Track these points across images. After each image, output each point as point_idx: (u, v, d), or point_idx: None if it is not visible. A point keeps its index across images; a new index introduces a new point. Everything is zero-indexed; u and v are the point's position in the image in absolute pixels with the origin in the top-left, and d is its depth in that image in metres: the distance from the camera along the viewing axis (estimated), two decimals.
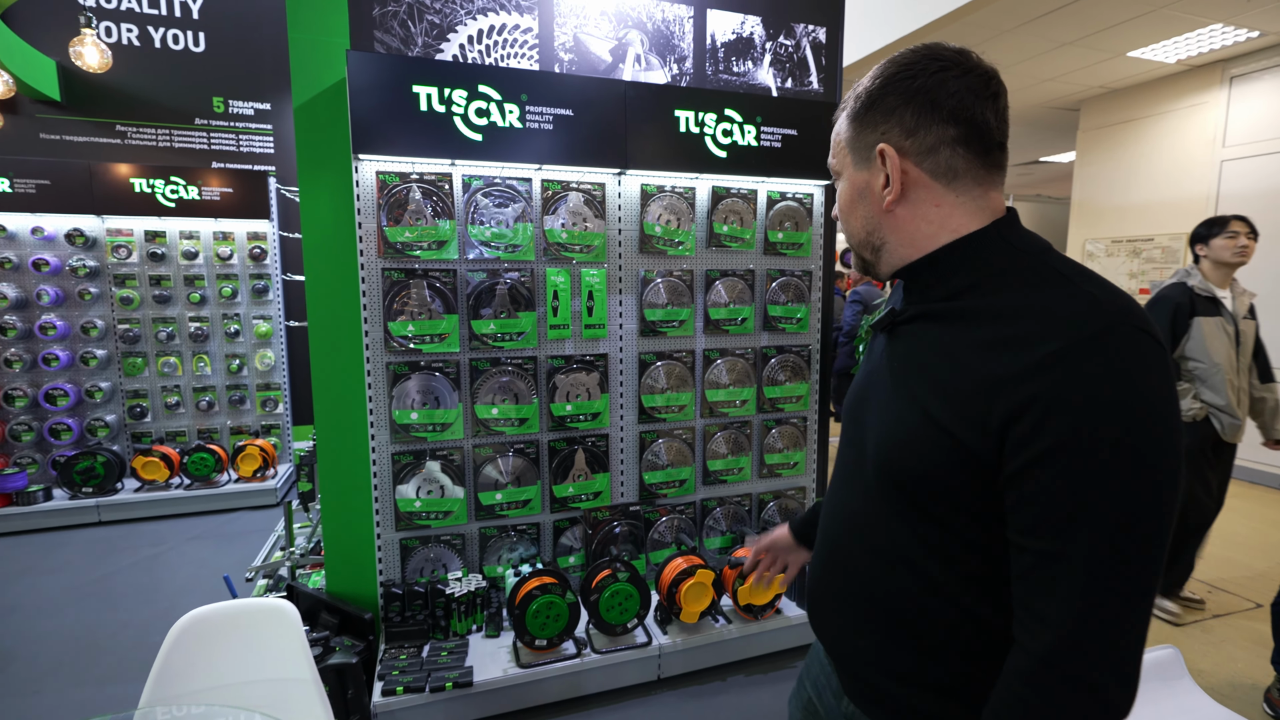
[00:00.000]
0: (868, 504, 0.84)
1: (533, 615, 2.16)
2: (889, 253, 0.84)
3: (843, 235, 0.93)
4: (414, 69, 2.14)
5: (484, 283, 2.34)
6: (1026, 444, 0.64)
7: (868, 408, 0.87)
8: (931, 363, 0.76)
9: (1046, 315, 0.67)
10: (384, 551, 2.36)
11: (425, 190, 2.25)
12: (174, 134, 4.44)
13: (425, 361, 2.31)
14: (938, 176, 0.77)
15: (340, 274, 2.26)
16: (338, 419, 2.31)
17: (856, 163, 0.83)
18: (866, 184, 0.83)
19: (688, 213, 2.59)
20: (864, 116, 0.81)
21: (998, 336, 0.69)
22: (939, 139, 0.76)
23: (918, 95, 0.76)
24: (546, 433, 2.50)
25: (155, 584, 3.13)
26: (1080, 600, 0.61)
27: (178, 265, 4.32)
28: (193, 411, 4.44)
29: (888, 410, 0.81)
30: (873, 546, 0.84)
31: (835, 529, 0.93)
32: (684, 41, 2.67)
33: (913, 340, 0.81)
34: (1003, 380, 0.66)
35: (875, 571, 0.83)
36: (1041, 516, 0.64)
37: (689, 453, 2.71)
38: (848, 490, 0.90)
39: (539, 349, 2.45)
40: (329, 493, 2.33)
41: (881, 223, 0.83)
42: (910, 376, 0.79)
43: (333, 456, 2.32)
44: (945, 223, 0.78)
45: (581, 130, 2.33)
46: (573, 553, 2.60)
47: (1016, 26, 4.31)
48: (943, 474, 0.72)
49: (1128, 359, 0.62)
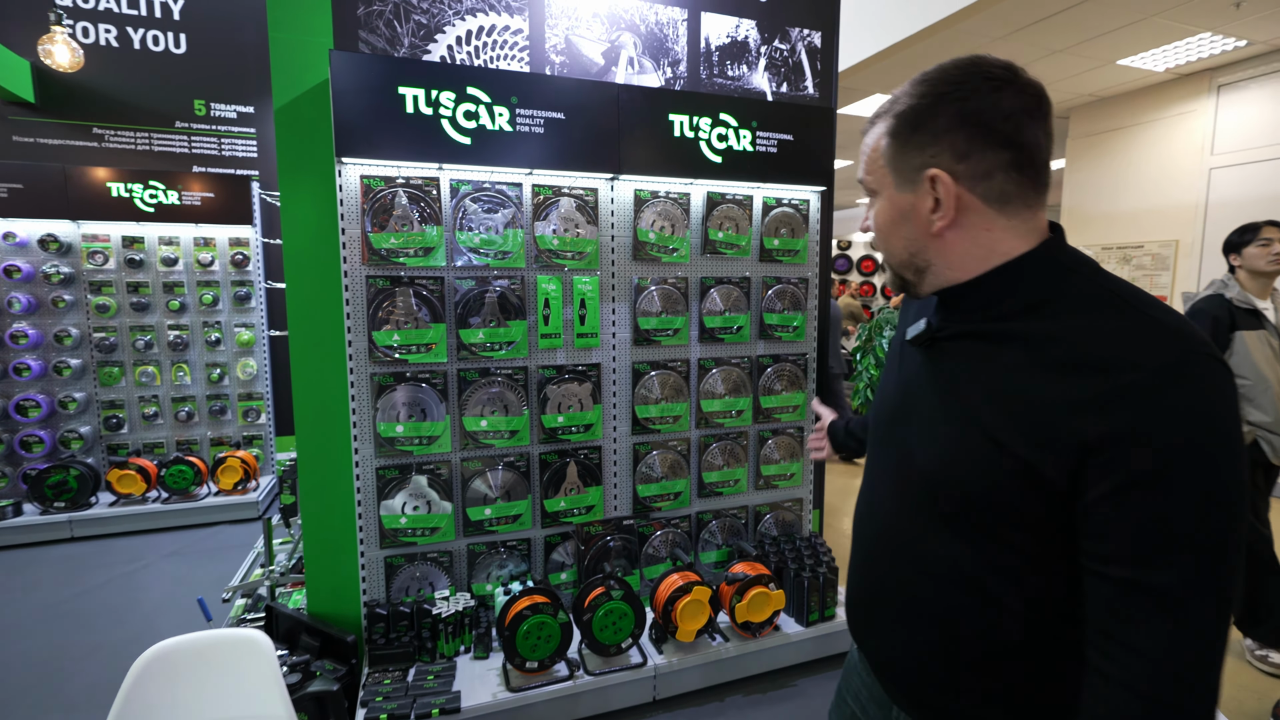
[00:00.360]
0: (914, 518, 0.84)
1: (523, 636, 2.07)
2: (934, 275, 0.82)
3: (877, 252, 0.90)
4: (400, 70, 2.07)
5: (473, 291, 2.26)
6: (1109, 473, 0.64)
7: (906, 422, 0.86)
8: (990, 383, 0.75)
9: (1120, 342, 0.67)
10: (368, 570, 2.26)
11: (412, 195, 2.18)
12: (153, 137, 4.33)
13: (411, 372, 2.23)
14: (990, 201, 0.75)
15: (322, 282, 2.18)
16: (320, 433, 2.22)
17: (899, 184, 0.80)
18: (911, 206, 0.79)
19: (682, 219, 2.53)
20: (909, 137, 0.77)
21: (1066, 361, 0.69)
22: (993, 164, 0.74)
23: (970, 118, 0.73)
24: (537, 445, 2.42)
25: (129, 603, 3.01)
26: (1174, 632, 0.62)
27: (157, 272, 4.19)
28: (171, 422, 4.31)
29: (936, 427, 0.81)
30: (921, 561, 0.83)
31: (876, 542, 0.92)
32: (678, 45, 2.62)
33: (961, 358, 0.80)
34: (1079, 406, 0.66)
35: (924, 586, 0.83)
36: (1126, 547, 0.64)
37: (684, 465, 2.64)
38: (889, 503, 0.89)
39: (530, 359, 2.38)
40: (310, 509, 2.24)
41: (927, 245, 0.80)
42: (963, 395, 0.78)
43: (314, 472, 2.23)
44: (996, 246, 0.77)
45: (573, 134, 2.27)
46: (564, 569, 2.51)
47: (1008, 34, 4.31)
48: (1003, 492, 0.72)
49: (1208, 390, 0.63)
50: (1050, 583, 0.73)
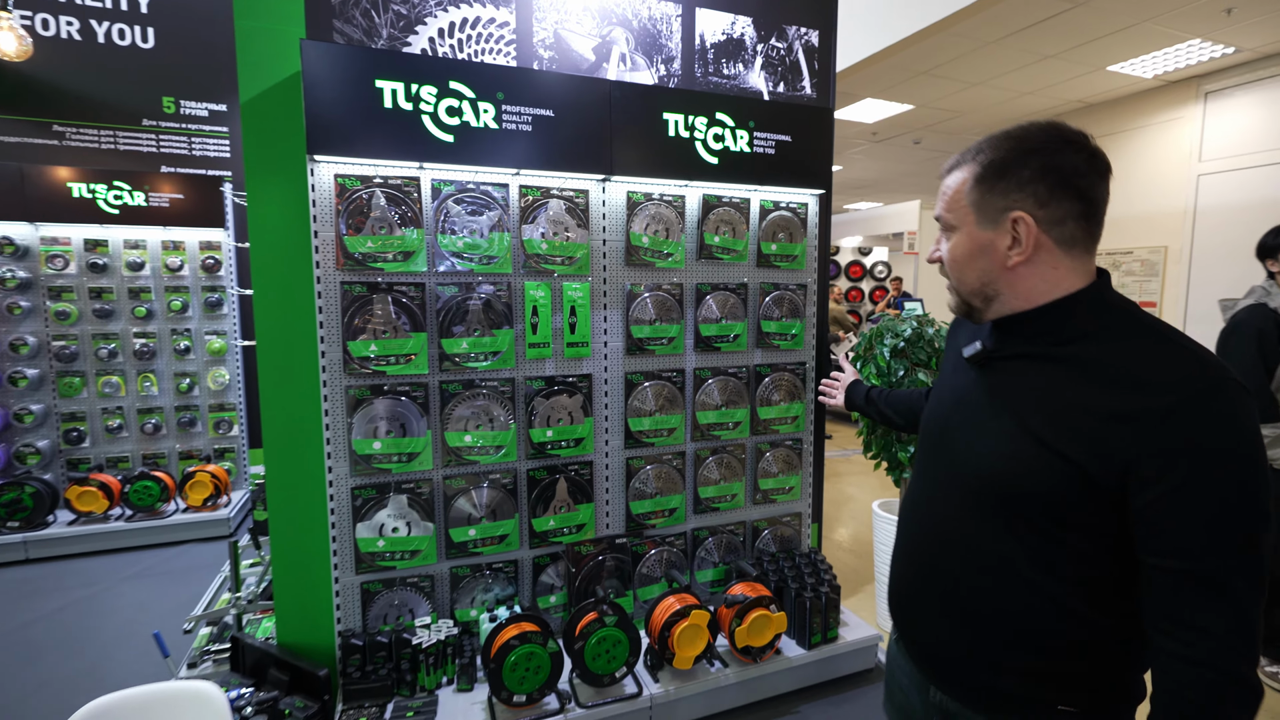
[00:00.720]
0: (966, 517, 0.96)
1: (510, 669, 1.93)
2: (1001, 303, 0.95)
3: (940, 275, 1.03)
4: (377, 62, 1.93)
5: (456, 297, 2.13)
6: (1158, 478, 0.77)
7: (962, 429, 0.99)
8: (1046, 398, 0.88)
9: (1162, 367, 0.80)
10: (342, 598, 2.11)
11: (390, 196, 2.04)
12: (119, 135, 4.12)
13: (390, 385, 2.08)
14: (1060, 244, 0.89)
15: (293, 288, 2.03)
16: (290, 450, 2.06)
17: (980, 222, 0.92)
18: (991, 242, 0.92)
19: (677, 223, 2.41)
20: (994, 183, 0.90)
21: (1115, 380, 0.82)
22: (1066, 213, 0.87)
23: (1052, 172, 0.86)
24: (525, 461, 2.28)
25: (84, 632, 2.81)
26: (1230, 613, 0.75)
27: (121, 277, 3.99)
28: (137, 435, 4.09)
29: (993, 436, 0.93)
30: (974, 555, 0.95)
31: (927, 537, 1.03)
32: (672, 41, 2.51)
33: (1017, 376, 0.93)
34: (1128, 418, 0.79)
35: (976, 577, 0.94)
36: (1179, 541, 0.77)
37: (679, 479, 2.52)
38: (942, 502, 1.01)
39: (517, 370, 2.24)
40: (279, 533, 2.08)
41: (999, 277, 0.93)
42: (1021, 408, 0.90)
43: (284, 492, 2.07)
44: (1059, 283, 0.90)
45: (563, 132, 2.15)
46: (554, 591, 2.37)
47: (1001, 38, 4.27)
48: (1055, 493, 0.85)
49: (1237, 407, 0.77)
50: (1094, 574, 0.86)
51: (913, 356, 2.67)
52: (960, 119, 6.30)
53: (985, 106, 5.86)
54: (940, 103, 5.81)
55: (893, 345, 2.65)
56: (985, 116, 6.20)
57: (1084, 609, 0.86)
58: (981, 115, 6.17)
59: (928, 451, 1.07)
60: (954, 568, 0.97)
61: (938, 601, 1.00)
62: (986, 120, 6.32)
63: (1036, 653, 0.90)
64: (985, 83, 5.21)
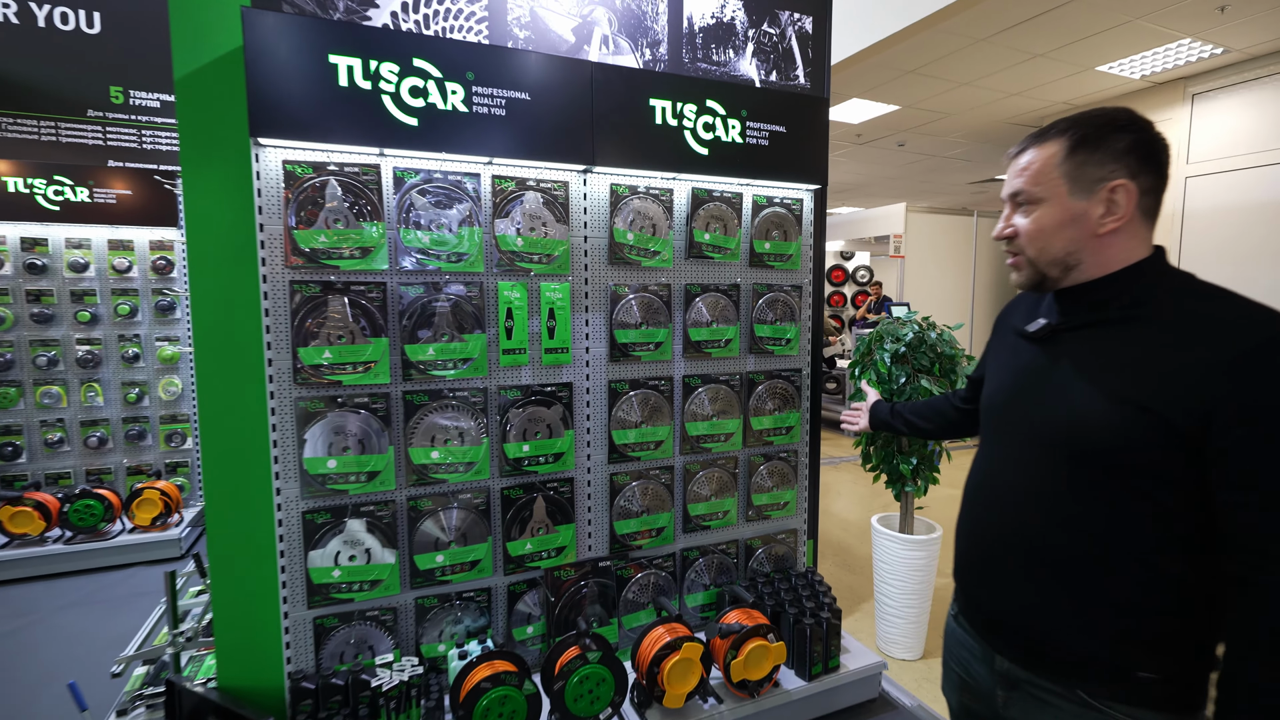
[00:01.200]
0: (1049, 481, 1.00)
1: (482, 713, 1.72)
2: (1080, 272, 1.01)
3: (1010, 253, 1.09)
4: (330, 34, 1.72)
5: (421, 299, 1.92)
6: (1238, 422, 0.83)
7: (1031, 403, 1.05)
8: (1123, 356, 0.94)
9: (1237, 316, 0.87)
10: (292, 634, 1.88)
11: (346, 185, 1.83)
12: (61, 127, 3.83)
13: (347, 396, 1.87)
14: (1143, 214, 0.97)
15: (235, 287, 1.80)
16: (232, 470, 1.83)
17: (1074, 192, 0.98)
18: (1084, 212, 0.97)
19: (664, 218, 2.23)
20: (1090, 154, 0.96)
21: (1193, 330, 0.89)
22: (1151, 184, 0.96)
23: (1143, 146, 0.94)
24: (499, 479, 2.08)
25: (5, 672, 2.52)
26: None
27: (63, 278, 3.70)
28: (80, 449, 3.79)
29: (1066, 400, 0.98)
30: (1060, 518, 0.98)
31: (1006, 509, 1.06)
32: (658, 24, 2.34)
33: (1088, 343, 1.00)
34: (1208, 365, 0.85)
35: (1063, 538, 0.98)
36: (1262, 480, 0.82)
37: (667, 496, 2.33)
38: (1018, 473, 1.05)
39: (489, 378, 2.04)
40: (220, 563, 1.85)
41: (1086, 246, 0.99)
42: (1093, 370, 0.97)
43: (225, 517, 1.84)
44: (1135, 250, 0.98)
45: (540, 118, 1.96)
46: (531, 621, 2.17)
47: (992, 35, 4.17)
48: (1138, 446, 0.89)
49: None
50: (1179, 530, 0.89)
51: (915, 362, 2.51)
52: (946, 120, 6.23)
53: (972, 107, 5.80)
54: (927, 103, 5.72)
55: (894, 350, 2.49)
56: (971, 118, 6.14)
57: (1173, 566, 0.90)
58: (967, 117, 6.11)
59: (995, 430, 1.13)
60: (1039, 532, 1.00)
61: (1021, 567, 1.02)
62: (972, 122, 6.26)
63: (1126, 613, 0.92)
64: (973, 83, 5.13)
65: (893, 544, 2.64)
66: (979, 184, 9.40)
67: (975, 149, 7.34)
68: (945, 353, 2.53)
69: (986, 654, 1.09)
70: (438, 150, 1.85)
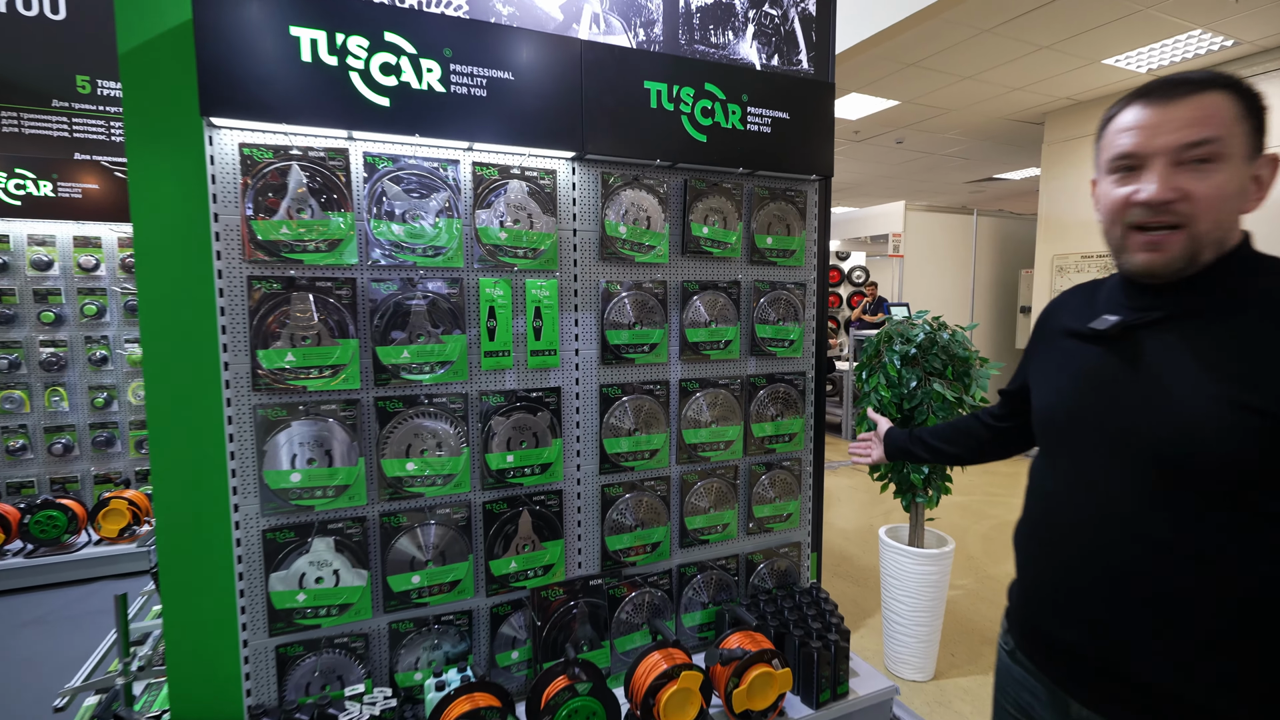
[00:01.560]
0: (1142, 502, 0.86)
1: None
2: (1209, 253, 0.85)
3: None
4: (292, 5, 1.56)
5: (394, 296, 1.76)
6: None
7: (1107, 412, 0.91)
8: (1222, 353, 0.81)
9: None
10: (252, 664, 1.71)
11: (311, 171, 1.66)
12: (23, 117, 3.64)
13: (312, 403, 1.70)
14: None
15: (187, 283, 1.64)
16: (185, 484, 1.66)
17: (1249, 156, 0.83)
18: (1251, 180, 0.85)
19: (659, 210, 2.08)
20: (1259, 119, 0.84)
21: None
22: None
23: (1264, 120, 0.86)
24: (481, 492, 1.92)
25: None
26: None
27: (25, 277, 3.51)
28: (44, 457, 3.60)
29: (1165, 406, 0.84)
30: (1150, 541, 0.85)
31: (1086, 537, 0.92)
32: (652, 2, 2.19)
33: (1186, 339, 0.85)
34: None
35: (1151, 565, 0.84)
36: None
37: (663, 508, 2.17)
38: (1101, 491, 0.91)
39: (470, 383, 1.88)
40: (172, 586, 1.68)
41: (1234, 223, 0.86)
42: (1185, 370, 0.83)
43: (177, 536, 1.67)
44: (1239, 233, 0.88)
45: (525, 100, 1.80)
46: (516, 646, 2.01)
47: (996, 25, 4.04)
48: (1253, 453, 0.76)
49: None
50: None
51: (925, 365, 2.37)
52: (945, 116, 6.11)
53: (972, 103, 5.67)
54: (927, 98, 5.60)
55: (903, 352, 2.35)
56: (971, 114, 6.01)
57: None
58: (967, 113, 5.99)
59: (1061, 444, 0.99)
60: (1126, 561, 0.87)
61: (1100, 601, 0.89)
62: (972, 119, 6.14)
63: (1234, 652, 0.80)
64: (975, 76, 5.00)
65: (903, 558, 2.49)
66: (976, 183, 9.30)
67: (974, 147, 7.22)
68: (958, 355, 2.39)
69: (1058, 700, 0.97)
70: (412, 133, 1.69)
